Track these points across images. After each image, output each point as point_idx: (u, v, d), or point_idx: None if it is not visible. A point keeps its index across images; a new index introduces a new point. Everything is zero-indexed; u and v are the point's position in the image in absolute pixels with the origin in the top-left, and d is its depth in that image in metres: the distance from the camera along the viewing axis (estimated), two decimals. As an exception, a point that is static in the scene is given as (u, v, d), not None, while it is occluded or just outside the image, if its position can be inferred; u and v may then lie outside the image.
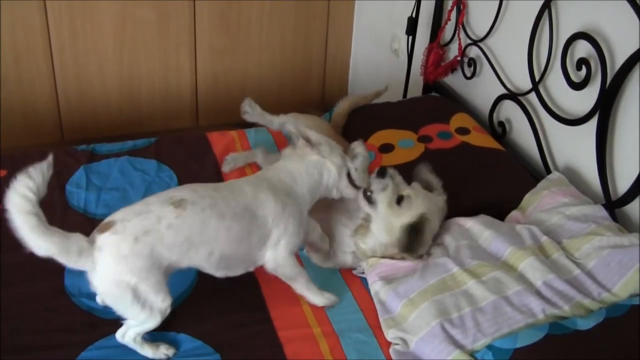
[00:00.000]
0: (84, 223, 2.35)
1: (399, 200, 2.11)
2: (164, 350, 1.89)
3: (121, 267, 1.79)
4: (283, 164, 2.13)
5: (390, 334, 1.95)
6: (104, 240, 1.80)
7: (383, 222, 2.13)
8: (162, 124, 3.94)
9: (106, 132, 3.75)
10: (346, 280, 2.19)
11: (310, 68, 4.23)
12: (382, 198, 2.12)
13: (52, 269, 2.12)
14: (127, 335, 1.87)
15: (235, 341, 1.94)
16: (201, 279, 2.15)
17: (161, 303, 1.85)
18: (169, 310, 1.88)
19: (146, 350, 1.88)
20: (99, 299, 1.99)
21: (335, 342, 1.95)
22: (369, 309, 2.06)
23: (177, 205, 1.88)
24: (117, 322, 1.90)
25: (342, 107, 2.89)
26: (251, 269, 2.07)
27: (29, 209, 1.69)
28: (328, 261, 2.25)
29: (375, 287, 2.08)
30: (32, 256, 2.17)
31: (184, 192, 1.95)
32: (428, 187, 2.21)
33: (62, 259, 1.75)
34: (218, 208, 1.92)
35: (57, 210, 2.42)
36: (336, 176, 2.12)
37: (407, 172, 2.41)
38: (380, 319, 2.00)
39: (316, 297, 2.08)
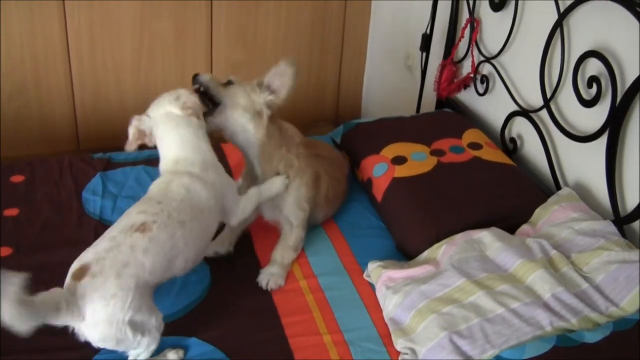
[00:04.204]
0: (99, 229, 2.39)
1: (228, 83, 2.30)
2: (173, 355, 1.91)
3: (113, 307, 1.74)
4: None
5: (399, 344, 1.97)
6: (85, 287, 1.74)
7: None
8: (178, 135, 3.97)
9: (121, 143, 3.76)
10: (357, 289, 2.21)
11: (325, 83, 4.27)
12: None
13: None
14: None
15: (247, 347, 1.96)
16: (214, 285, 2.19)
17: (156, 322, 1.84)
18: (162, 325, 1.88)
19: None
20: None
21: (345, 351, 1.97)
22: (379, 318, 2.09)
23: (142, 229, 1.86)
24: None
25: None
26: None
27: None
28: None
29: (384, 298, 2.11)
30: (51, 258, 2.22)
31: (137, 217, 1.91)
32: None
33: (52, 320, 1.68)
34: (175, 218, 1.93)
35: (72, 216, 2.46)
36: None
37: (420, 184, 2.45)
38: (390, 329, 2.03)
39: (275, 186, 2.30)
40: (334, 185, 2.51)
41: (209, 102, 2.24)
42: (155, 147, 2.18)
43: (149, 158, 2.83)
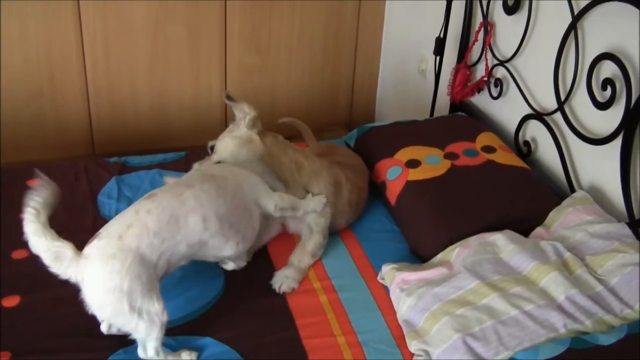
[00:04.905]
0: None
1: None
2: (186, 356, 1.91)
3: (110, 268, 1.77)
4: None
5: (413, 346, 1.97)
6: (90, 248, 1.81)
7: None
8: (192, 139, 3.98)
9: (136, 147, 3.80)
10: (371, 291, 2.22)
11: (339, 87, 4.27)
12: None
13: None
14: (148, 351, 1.88)
15: (261, 347, 1.97)
16: (228, 286, 2.20)
17: (158, 308, 1.83)
18: (166, 316, 1.86)
19: None
20: (103, 327, 1.98)
21: (359, 352, 1.97)
22: (392, 320, 2.09)
23: (148, 197, 1.94)
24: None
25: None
26: (256, 227, 2.17)
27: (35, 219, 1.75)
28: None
29: (398, 300, 2.11)
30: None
31: (148, 194, 1.99)
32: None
33: (45, 258, 1.77)
34: (182, 183, 2.01)
35: (88, 220, 2.48)
36: None
37: (434, 187, 2.45)
38: (404, 331, 2.03)
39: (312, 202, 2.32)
40: (357, 193, 2.52)
41: None
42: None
43: (163, 162, 2.85)
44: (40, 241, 1.74)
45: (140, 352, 1.90)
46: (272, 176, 2.33)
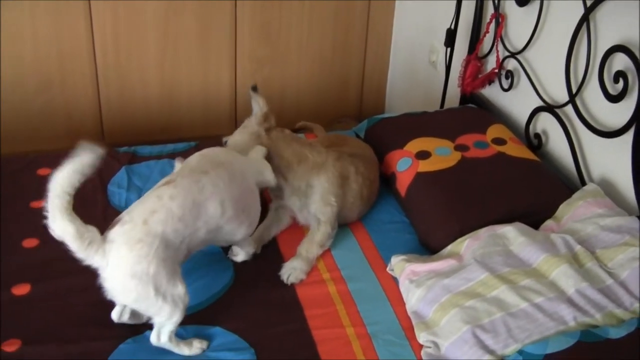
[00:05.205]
0: (124, 222, 2.41)
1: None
2: (197, 345, 1.92)
3: (137, 252, 1.78)
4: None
5: (422, 337, 1.97)
6: (114, 233, 1.81)
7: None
8: (201, 131, 3.99)
9: (146, 138, 3.79)
10: (381, 283, 2.22)
11: (348, 79, 4.27)
12: None
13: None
14: (162, 337, 1.89)
15: (270, 338, 1.98)
16: (238, 277, 2.21)
17: (180, 289, 1.86)
18: (188, 298, 1.89)
19: (182, 349, 1.91)
20: (114, 314, 1.98)
21: (367, 344, 1.98)
22: (401, 311, 2.09)
23: (167, 183, 1.95)
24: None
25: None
26: (259, 209, 2.21)
27: (69, 190, 1.71)
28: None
29: (407, 291, 2.11)
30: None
31: (163, 180, 2.00)
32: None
33: (75, 244, 1.73)
34: (197, 169, 2.01)
35: (98, 209, 2.49)
36: None
37: (444, 178, 2.45)
38: (413, 322, 2.03)
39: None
40: (368, 185, 2.51)
41: None
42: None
43: (173, 151, 2.85)
44: (70, 226, 1.71)
45: (153, 338, 1.90)
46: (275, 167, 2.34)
